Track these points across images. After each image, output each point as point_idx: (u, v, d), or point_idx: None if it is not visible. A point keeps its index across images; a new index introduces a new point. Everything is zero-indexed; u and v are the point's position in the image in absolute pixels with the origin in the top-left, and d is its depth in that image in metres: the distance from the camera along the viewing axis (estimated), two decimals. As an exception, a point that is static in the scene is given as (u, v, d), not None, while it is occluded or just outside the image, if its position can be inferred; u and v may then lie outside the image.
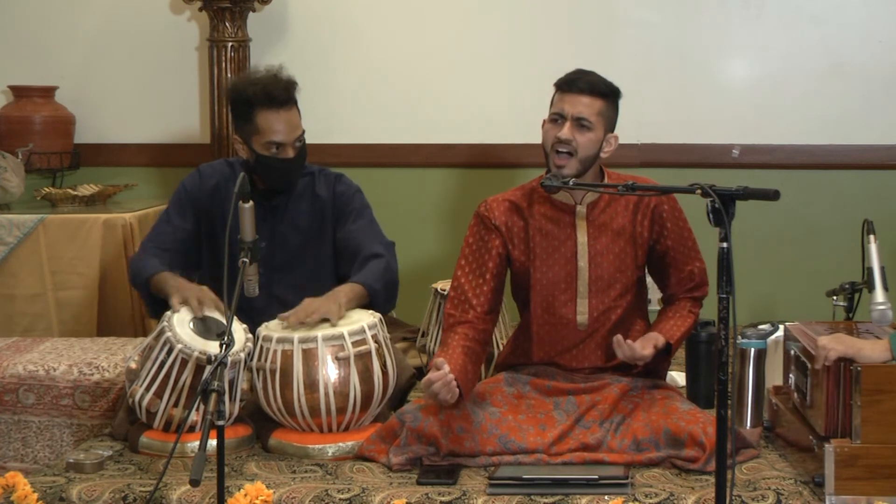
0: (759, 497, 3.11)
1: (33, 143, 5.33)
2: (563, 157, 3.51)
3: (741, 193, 2.93)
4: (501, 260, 3.62)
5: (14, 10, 5.55)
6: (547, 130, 3.56)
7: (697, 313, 3.65)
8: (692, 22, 5.27)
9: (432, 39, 5.37)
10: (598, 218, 3.60)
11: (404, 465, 3.36)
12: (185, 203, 3.99)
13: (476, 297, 3.59)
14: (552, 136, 3.53)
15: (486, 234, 3.62)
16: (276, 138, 3.83)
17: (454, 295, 3.62)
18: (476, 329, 3.57)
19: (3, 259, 4.91)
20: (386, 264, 3.85)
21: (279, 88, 3.83)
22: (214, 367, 2.90)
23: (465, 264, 3.64)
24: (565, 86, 3.56)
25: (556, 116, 3.55)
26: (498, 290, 3.64)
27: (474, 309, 3.58)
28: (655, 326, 3.59)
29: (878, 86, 5.19)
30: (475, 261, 3.63)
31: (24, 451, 4.11)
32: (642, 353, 3.43)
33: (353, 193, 4.02)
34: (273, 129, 3.83)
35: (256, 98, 3.82)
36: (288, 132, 3.84)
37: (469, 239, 3.66)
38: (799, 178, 5.20)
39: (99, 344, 4.41)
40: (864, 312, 3.84)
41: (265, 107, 3.82)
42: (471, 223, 3.67)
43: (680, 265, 3.62)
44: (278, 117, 3.82)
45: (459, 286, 3.62)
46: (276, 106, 3.82)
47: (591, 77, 3.57)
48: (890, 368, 3.10)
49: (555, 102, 3.58)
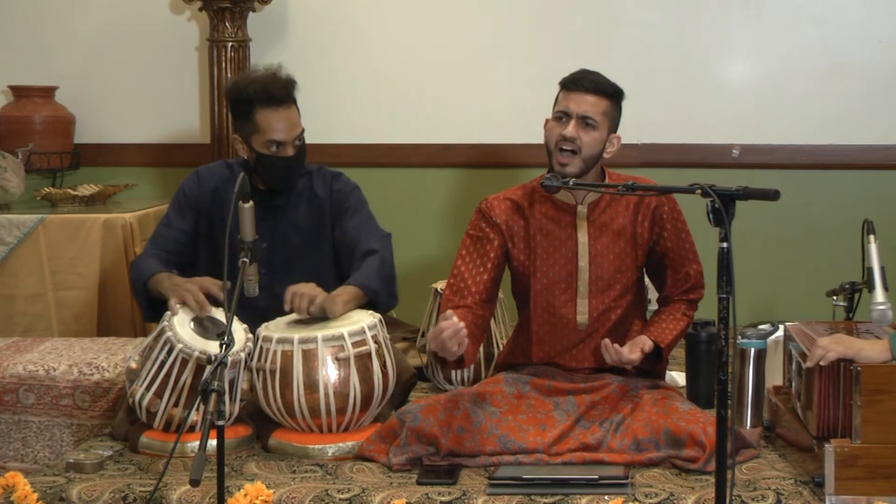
0: (759, 497, 3.11)
1: (33, 143, 5.33)
2: (567, 155, 3.51)
3: (741, 193, 2.93)
4: (502, 252, 3.63)
5: (14, 10, 5.55)
6: (551, 128, 3.56)
7: (691, 316, 3.66)
8: (692, 22, 5.27)
9: (432, 39, 5.37)
10: (599, 218, 3.60)
11: (404, 465, 3.36)
12: (184, 206, 3.98)
13: (475, 285, 3.60)
14: (556, 133, 3.53)
15: (488, 228, 3.63)
16: (275, 136, 3.83)
17: (453, 282, 3.62)
18: (475, 314, 3.57)
19: (3, 259, 4.91)
20: (381, 260, 3.84)
21: (278, 87, 3.84)
22: (214, 367, 2.90)
23: (465, 253, 3.65)
24: (571, 84, 3.56)
25: (561, 114, 3.55)
26: (496, 280, 3.64)
27: (472, 296, 3.59)
28: (646, 329, 3.59)
29: (878, 86, 5.19)
30: (476, 250, 3.63)
31: (24, 451, 4.11)
32: (629, 358, 3.44)
33: (351, 190, 4.03)
34: (272, 127, 3.83)
35: (256, 96, 3.83)
36: (287, 130, 3.84)
37: (470, 231, 3.67)
38: (799, 178, 5.20)
39: (99, 344, 4.41)
40: (864, 312, 3.84)
41: (264, 105, 3.82)
42: (472, 218, 3.68)
43: (677, 266, 3.63)
44: (278, 116, 3.83)
45: (459, 273, 3.63)
46: (276, 104, 3.82)
47: (597, 77, 3.57)
48: (890, 368, 3.10)
49: (559, 101, 3.58)
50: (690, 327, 3.77)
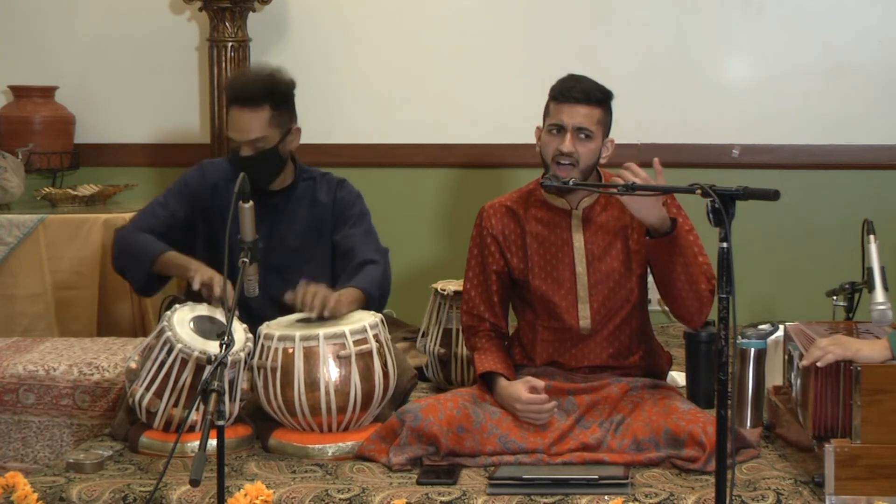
0: (759, 497, 3.11)
1: (33, 143, 5.33)
2: (566, 168, 3.50)
3: (741, 193, 2.93)
4: (503, 264, 3.63)
5: (14, 10, 5.55)
6: (546, 143, 3.53)
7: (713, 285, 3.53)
8: (692, 22, 5.27)
9: (432, 39, 5.37)
10: (595, 221, 3.59)
11: (404, 465, 3.36)
12: (184, 194, 4.00)
13: (488, 310, 3.66)
14: (553, 148, 3.51)
15: (486, 248, 3.64)
16: (231, 134, 3.89)
17: (467, 308, 3.69)
18: (498, 331, 3.67)
19: (3, 259, 4.91)
20: (383, 272, 3.89)
21: (250, 88, 3.86)
22: (214, 367, 2.90)
23: (472, 276, 3.68)
24: (561, 96, 3.52)
25: (555, 127, 3.52)
26: (506, 299, 3.69)
27: (488, 320, 3.66)
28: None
29: (878, 86, 5.19)
30: (481, 272, 3.67)
31: (24, 451, 4.11)
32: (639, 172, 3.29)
33: (354, 199, 4.03)
34: (231, 124, 3.89)
35: (229, 92, 3.93)
36: (242, 132, 3.85)
37: (474, 250, 3.69)
38: (799, 178, 5.20)
39: (99, 344, 4.41)
40: (864, 312, 3.83)
41: (232, 102, 3.88)
42: (473, 232, 3.69)
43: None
44: (240, 115, 3.85)
45: (470, 299, 3.68)
46: (240, 103, 3.86)
47: (586, 84, 3.53)
48: (890, 368, 3.10)
49: (552, 113, 3.54)
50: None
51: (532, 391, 3.44)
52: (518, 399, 3.44)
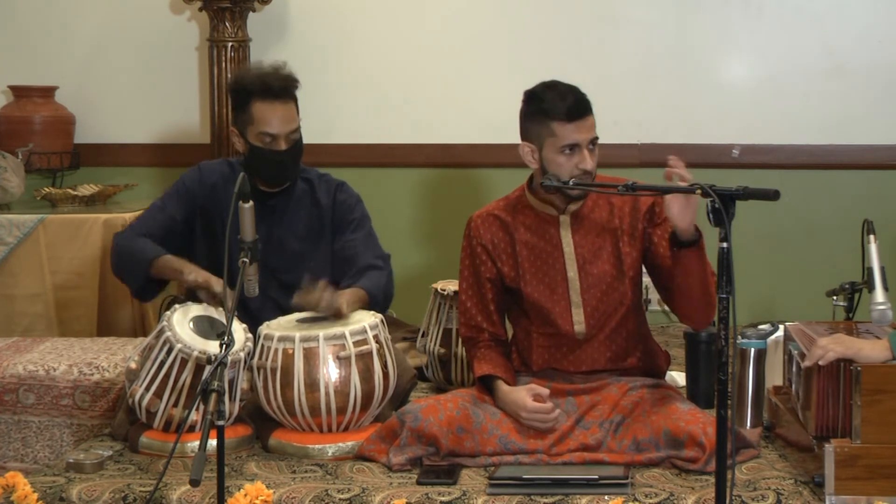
0: (759, 497, 3.11)
1: (33, 143, 5.33)
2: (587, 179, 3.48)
3: (741, 193, 2.93)
4: (496, 281, 3.63)
5: (14, 11, 5.55)
6: (561, 164, 3.44)
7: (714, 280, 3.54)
8: (692, 22, 5.27)
9: (432, 39, 5.37)
10: (584, 224, 3.57)
11: (404, 465, 3.36)
12: (182, 196, 3.99)
13: (486, 320, 3.65)
14: (570, 168, 3.44)
15: (477, 258, 3.62)
16: (268, 129, 3.84)
17: (464, 320, 3.68)
18: (498, 341, 3.66)
19: (3, 259, 4.91)
20: (388, 277, 3.91)
21: (277, 80, 3.86)
22: (214, 367, 2.90)
23: (466, 287, 3.67)
24: (567, 116, 3.43)
25: (567, 148, 3.45)
26: (502, 306, 3.67)
27: (487, 330, 3.65)
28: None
29: (878, 86, 5.19)
30: (475, 283, 3.65)
31: (24, 451, 4.11)
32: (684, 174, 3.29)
33: (355, 203, 4.03)
34: (266, 119, 3.84)
35: (254, 87, 3.86)
36: (281, 124, 3.85)
37: (465, 261, 3.67)
38: (799, 178, 5.20)
39: (99, 344, 4.41)
40: (864, 312, 3.84)
41: (261, 97, 3.84)
42: (462, 243, 3.68)
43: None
44: (273, 108, 3.84)
45: (467, 311, 3.67)
46: (272, 97, 3.84)
47: (576, 94, 3.48)
48: (890, 368, 3.10)
49: (558, 134, 3.44)
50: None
51: (537, 399, 3.44)
52: (523, 407, 3.43)
